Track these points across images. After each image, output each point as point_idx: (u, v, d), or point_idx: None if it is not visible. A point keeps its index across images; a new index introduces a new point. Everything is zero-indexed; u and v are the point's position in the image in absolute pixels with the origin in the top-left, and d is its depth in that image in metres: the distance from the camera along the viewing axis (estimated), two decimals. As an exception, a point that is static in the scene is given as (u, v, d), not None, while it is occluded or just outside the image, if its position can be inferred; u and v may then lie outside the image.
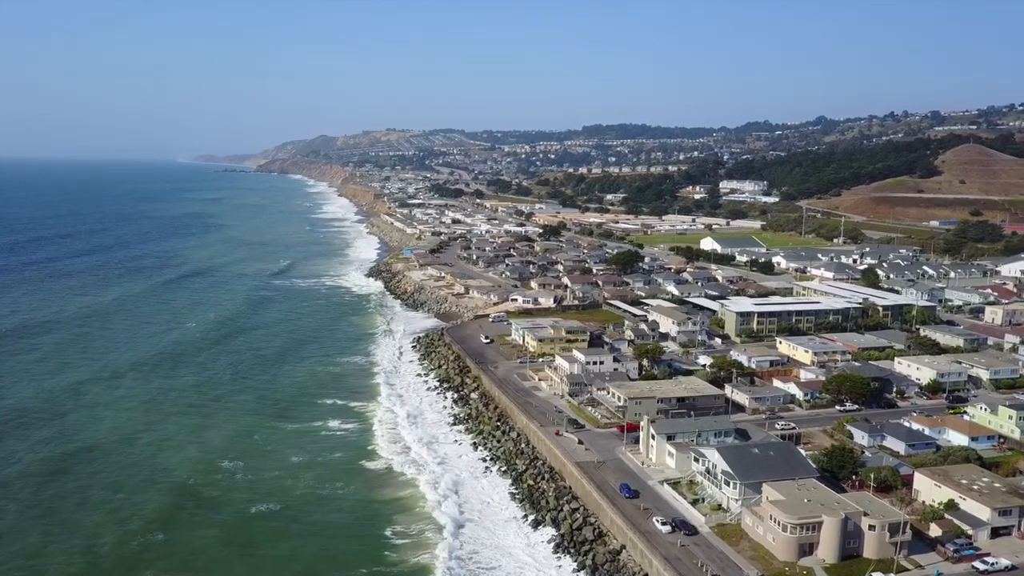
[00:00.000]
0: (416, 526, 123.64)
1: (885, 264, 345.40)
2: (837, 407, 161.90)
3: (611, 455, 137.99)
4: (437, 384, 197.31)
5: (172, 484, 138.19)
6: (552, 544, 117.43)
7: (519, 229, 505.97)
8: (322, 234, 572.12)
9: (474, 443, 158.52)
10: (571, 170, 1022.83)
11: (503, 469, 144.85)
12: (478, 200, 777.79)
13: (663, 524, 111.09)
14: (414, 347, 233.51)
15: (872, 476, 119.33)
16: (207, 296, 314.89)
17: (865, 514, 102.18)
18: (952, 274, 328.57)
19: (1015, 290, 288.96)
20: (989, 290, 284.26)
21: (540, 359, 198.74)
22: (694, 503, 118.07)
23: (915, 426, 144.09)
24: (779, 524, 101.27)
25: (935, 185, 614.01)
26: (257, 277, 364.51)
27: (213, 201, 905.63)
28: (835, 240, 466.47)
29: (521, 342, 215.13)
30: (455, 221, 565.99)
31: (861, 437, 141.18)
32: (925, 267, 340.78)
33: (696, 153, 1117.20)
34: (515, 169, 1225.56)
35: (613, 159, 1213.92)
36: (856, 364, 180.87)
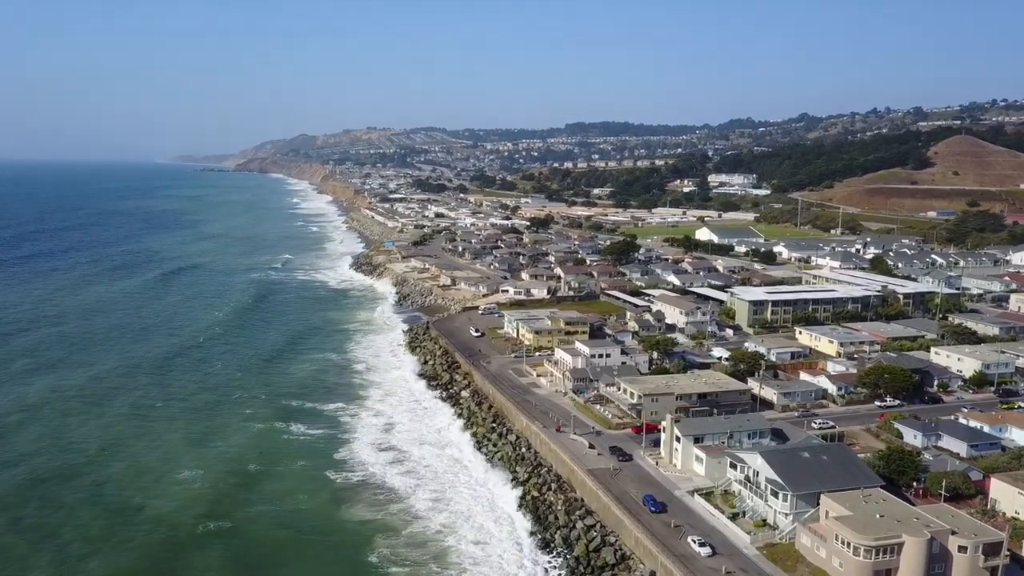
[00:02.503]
0: (402, 551, 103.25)
1: (892, 253, 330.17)
2: (876, 402, 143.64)
3: (628, 461, 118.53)
4: (423, 382, 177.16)
5: (115, 499, 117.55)
6: (566, 571, 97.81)
7: (505, 222, 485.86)
8: (299, 229, 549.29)
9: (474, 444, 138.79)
10: (556, 165, 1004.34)
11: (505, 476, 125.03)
12: (462, 195, 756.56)
13: (701, 545, 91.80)
14: (396, 342, 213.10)
15: (943, 483, 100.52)
16: (174, 293, 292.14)
17: (953, 532, 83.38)
18: (962, 263, 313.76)
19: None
20: (1007, 278, 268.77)
21: (537, 353, 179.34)
22: (733, 518, 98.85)
23: (972, 423, 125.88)
24: (849, 546, 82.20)
25: (929, 177, 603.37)
26: (231, 272, 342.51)
27: (191, 199, 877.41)
28: (833, 231, 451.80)
29: (515, 335, 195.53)
30: (438, 215, 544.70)
31: (913, 437, 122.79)
32: (934, 256, 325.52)
33: (680, 150, 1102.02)
34: (498, 166, 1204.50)
35: (596, 156, 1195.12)
36: (892, 355, 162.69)
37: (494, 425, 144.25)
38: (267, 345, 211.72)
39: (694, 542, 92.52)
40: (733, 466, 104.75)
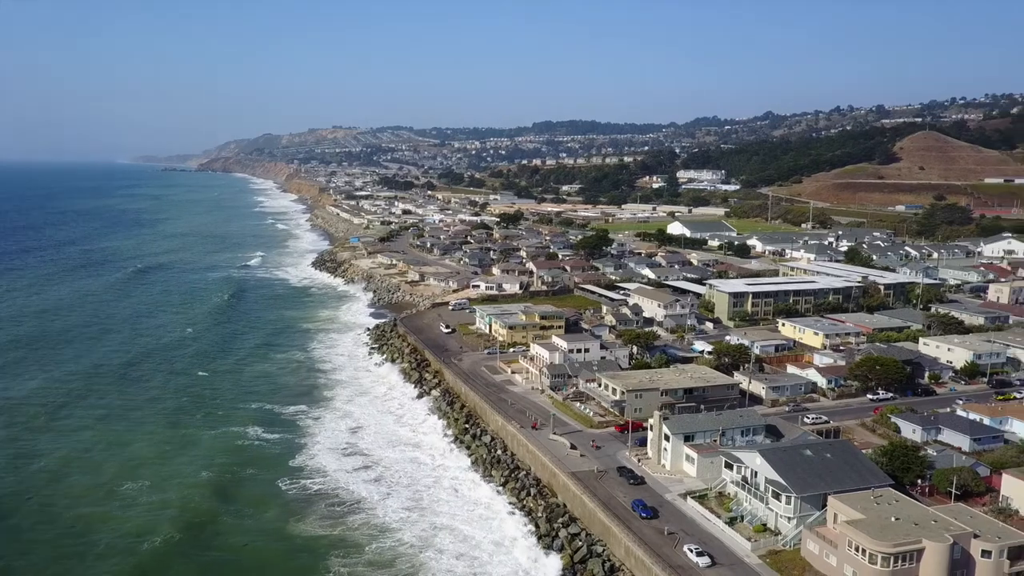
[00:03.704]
0: (363, 572, 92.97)
1: (865, 246, 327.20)
2: (868, 396, 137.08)
3: (613, 461, 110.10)
4: (391, 381, 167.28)
5: (55, 512, 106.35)
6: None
7: (474, 218, 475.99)
8: (263, 227, 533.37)
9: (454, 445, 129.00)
10: (525, 162, 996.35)
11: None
12: (429, 192, 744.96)
13: (698, 554, 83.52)
14: (361, 340, 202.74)
15: (953, 480, 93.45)
16: (133, 294, 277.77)
17: (975, 535, 76.10)
18: (935, 255, 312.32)
19: (1010, 268, 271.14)
20: (983, 268, 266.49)
21: (511, 349, 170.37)
22: (731, 523, 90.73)
23: (972, 416, 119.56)
24: (864, 554, 74.47)
25: (895, 171, 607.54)
26: (193, 271, 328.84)
27: (152, 198, 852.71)
28: (804, 225, 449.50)
29: (488, 331, 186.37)
30: (405, 212, 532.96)
31: (912, 431, 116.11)
32: (907, 248, 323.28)
33: (647, 148, 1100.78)
34: (466, 165, 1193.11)
35: (564, 154, 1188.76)
36: (881, 346, 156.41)
37: (467, 426, 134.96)
38: (225, 345, 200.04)
39: (691, 551, 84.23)
40: (729, 466, 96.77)
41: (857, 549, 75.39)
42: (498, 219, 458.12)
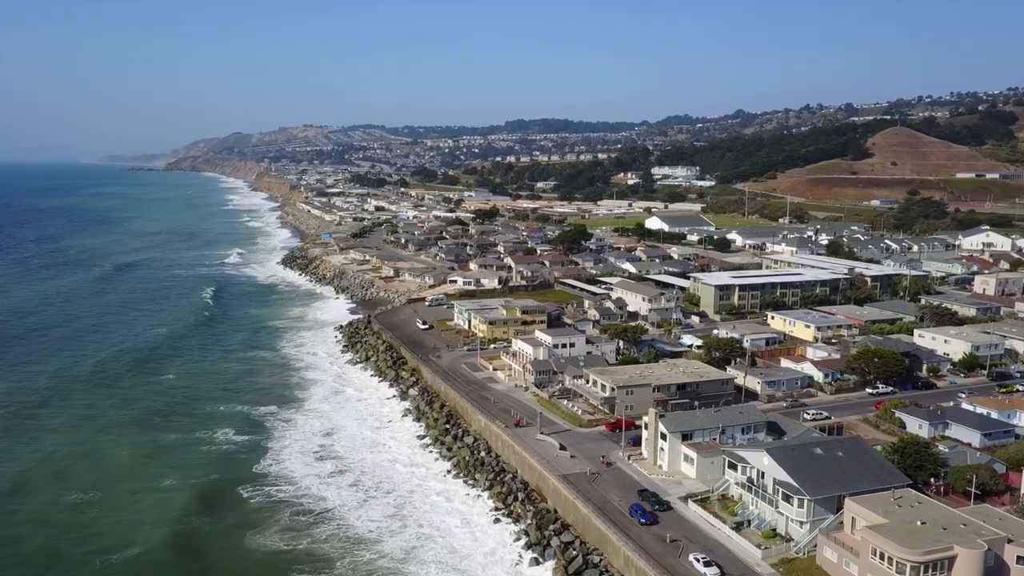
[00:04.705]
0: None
1: (844, 239, 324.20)
2: (868, 389, 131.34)
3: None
4: (367, 380, 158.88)
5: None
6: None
7: (449, 215, 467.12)
8: (231, 224, 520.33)
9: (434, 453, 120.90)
10: (499, 159, 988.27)
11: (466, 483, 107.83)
12: (403, 189, 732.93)
13: (706, 564, 76.49)
14: (334, 338, 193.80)
15: (972, 479, 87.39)
16: (99, 289, 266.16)
17: (1009, 540, 69.85)
18: (915, 247, 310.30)
19: (992, 260, 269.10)
20: (966, 260, 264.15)
21: (492, 345, 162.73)
22: (737, 528, 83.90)
23: (980, 410, 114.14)
24: (892, 562, 67.86)
25: (868, 167, 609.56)
26: (162, 268, 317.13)
27: (118, 196, 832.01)
28: (781, 220, 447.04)
29: (467, 326, 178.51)
30: (378, 208, 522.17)
31: (918, 426, 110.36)
32: (888, 241, 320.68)
33: (619, 146, 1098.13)
34: (439, 163, 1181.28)
35: (537, 152, 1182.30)
36: (878, 338, 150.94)
37: (448, 426, 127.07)
38: (194, 345, 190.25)
39: (697, 560, 77.20)
40: (732, 466, 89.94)
41: (882, 557, 68.77)
42: (473, 215, 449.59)
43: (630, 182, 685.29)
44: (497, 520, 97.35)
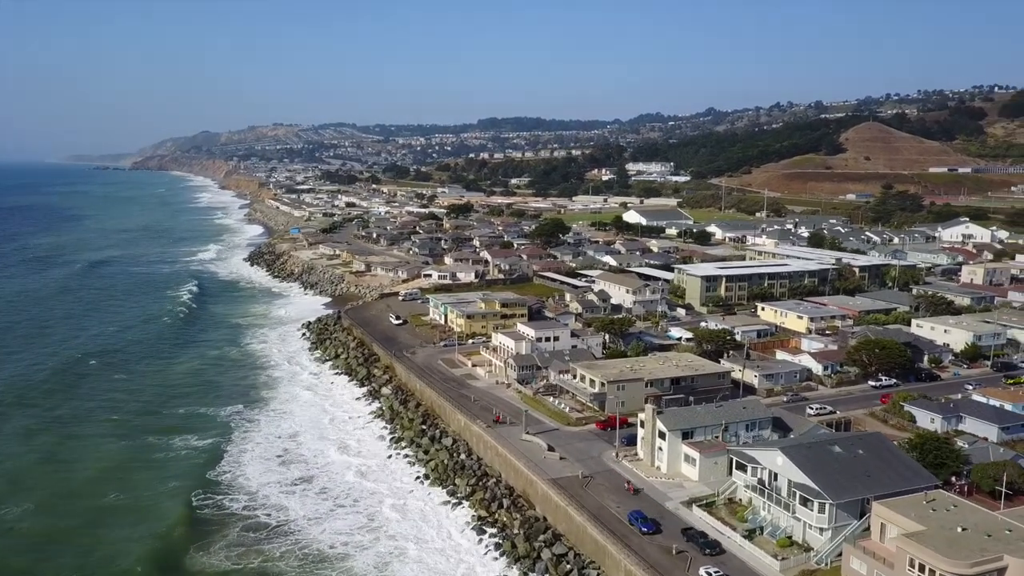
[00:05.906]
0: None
1: (825, 231, 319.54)
2: (870, 382, 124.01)
3: (599, 464, 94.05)
4: (338, 379, 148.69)
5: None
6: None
7: (422, 210, 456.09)
8: (198, 221, 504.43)
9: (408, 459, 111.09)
10: (472, 156, 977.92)
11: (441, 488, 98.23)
12: (374, 186, 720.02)
13: (719, 579, 67.80)
14: (301, 335, 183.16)
15: (1002, 477, 79.76)
16: (66, 288, 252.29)
17: (1061, 546, 61.94)
18: (896, 239, 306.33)
19: (975, 251, 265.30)
20: (950, 252, 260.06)
21: (470, 340, 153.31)
22: (749, 536, 75.46)
23: (993, 402, 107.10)
24: (934, 575, 59.58)
25: (842, 162, 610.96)
26: (132, 264, 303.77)
27: (81, 194, 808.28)
28: (758, 214, 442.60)
29: (443, 321, 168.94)
30: (349, 204, 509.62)
31: (929, 420, 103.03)
32: (868, 233, 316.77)
33: (592, 144, 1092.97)
34: (411, 160, 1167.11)
35: (511, 150, 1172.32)
36: (877, 329, 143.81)
37: (424, 427, 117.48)
38: (153, 343, 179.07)
39: (709, 574, 68.54)
40: (741, 467, 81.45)
41: (922, 569, 60.55)
42: (447, 211, 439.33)
43: (605, 178, 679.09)
44: (480, 530, 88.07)
